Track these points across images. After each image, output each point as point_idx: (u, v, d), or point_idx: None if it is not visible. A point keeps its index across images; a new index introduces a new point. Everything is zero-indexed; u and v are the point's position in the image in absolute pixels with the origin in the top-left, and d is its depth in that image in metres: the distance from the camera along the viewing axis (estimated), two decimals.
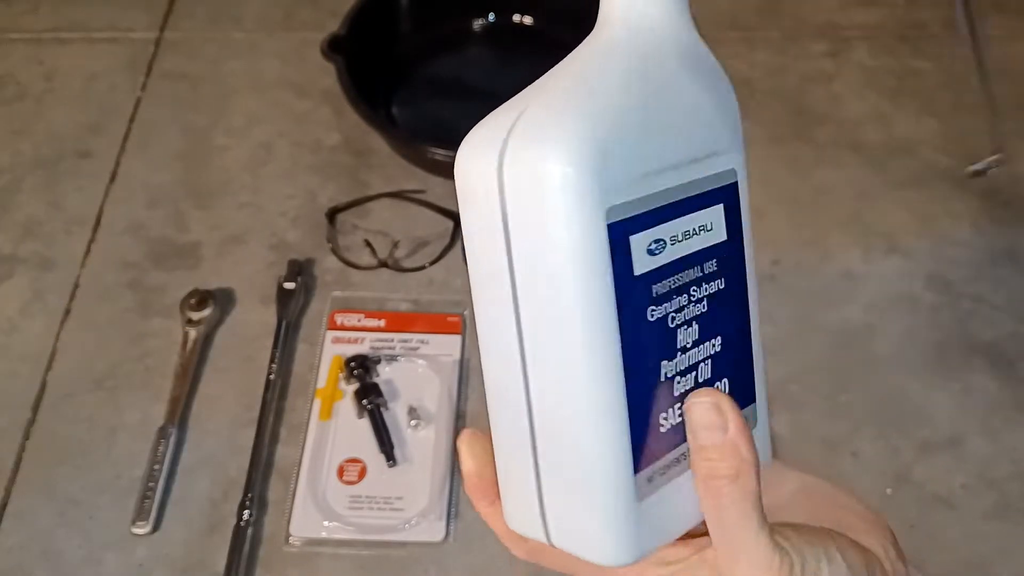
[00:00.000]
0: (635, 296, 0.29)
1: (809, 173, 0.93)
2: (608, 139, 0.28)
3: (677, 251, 0.30)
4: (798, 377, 0.79)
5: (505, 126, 0.29)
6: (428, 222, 0.90)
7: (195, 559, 0.71)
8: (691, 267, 0.30)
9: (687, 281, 0.30)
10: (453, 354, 0.80)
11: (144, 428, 0.77)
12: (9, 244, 0.90)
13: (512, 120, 0.29)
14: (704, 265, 0.31)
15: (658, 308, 0.29)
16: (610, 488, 0.29)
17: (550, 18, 1.05)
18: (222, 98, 1.01)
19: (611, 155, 0.28)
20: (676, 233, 0.30)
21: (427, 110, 1.00)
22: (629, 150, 0.28)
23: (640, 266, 0.29)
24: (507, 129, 0.29)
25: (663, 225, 0.29)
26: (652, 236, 0.29)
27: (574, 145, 0.27)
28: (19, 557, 0.71)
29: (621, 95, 0.29)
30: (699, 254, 0.31)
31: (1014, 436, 0.76)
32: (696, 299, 0.31)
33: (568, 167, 0.27)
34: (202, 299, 0.82)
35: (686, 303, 0.30)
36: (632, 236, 0.28)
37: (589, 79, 0.30)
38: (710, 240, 0.31)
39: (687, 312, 0.30)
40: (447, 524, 0.71)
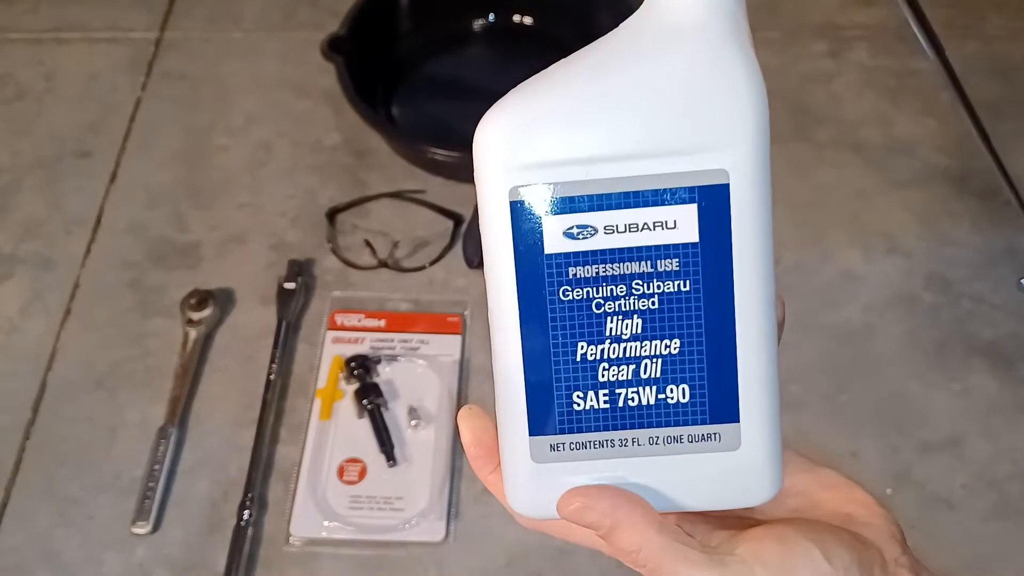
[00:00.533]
0: (543, 273, 0.30)
1: (809, 173, 0.93)
2: (530, 127, 0.29)
3: (615, 241, 0.30)
4: (798, 377, 0.79)
5: None
6: (428, 222, 0.90)
7: (195, 559, 0.71)
8: (636, 260, 0.30)
9: (628, 272, 0.30)
10: (453, 354, 0.81)
11: (144, 428, 0.77)
12: (9, 244, 0.90)
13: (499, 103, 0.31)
14: (658, 262, 0.30)
15: (577, 290, 0.30)
16: (507, 455, 0.33)
17: (550, 18, 1.05)
18: (222, 98, 1.01)
19: (529, 141, 0.29)
20: (616, 223, 0.30)
21: (427, 110, 1.00)
22: (558, 139, 0.29)
23: (553, 246, 0.30)
24: None
25: (595, 212, 0.30)
26: (574, 220, 0.30)
27: (493, 128, 0.30)
28: (19, 557, 0.71)
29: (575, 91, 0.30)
30: (652, 249, 0.30)
31: (1014, 436, 0.76)
32: (642, 293, 0.30)
33: (480, 145, 0.30)
34: (202, 299, 0.82)
35: (624, 294, 0.30)
36: (546, 216, 0.30)
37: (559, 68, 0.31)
38: (672, 238, 0.30)
39: (624, 303, 0.30)
40: (447, 524, 0.71)
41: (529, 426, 0.32)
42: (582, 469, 0.32)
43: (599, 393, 0.31)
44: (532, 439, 0.32)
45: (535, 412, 0.32)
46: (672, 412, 0.32)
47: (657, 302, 0.30)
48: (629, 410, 0.32)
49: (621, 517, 0.31)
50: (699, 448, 0.32)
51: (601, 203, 0.30)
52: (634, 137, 0.29)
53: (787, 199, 0.91)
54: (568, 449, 0.32)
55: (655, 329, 0.31)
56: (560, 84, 0.30)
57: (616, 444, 0.32)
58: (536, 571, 0.70)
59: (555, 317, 0.31)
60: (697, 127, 0.29)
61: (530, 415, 0.32)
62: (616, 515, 0.31)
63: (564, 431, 0.32)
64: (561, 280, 0.30)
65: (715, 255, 0.30)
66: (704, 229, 0.30)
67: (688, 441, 0.32)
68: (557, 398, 0.32)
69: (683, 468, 0.32)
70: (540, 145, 0.30)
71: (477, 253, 0.86)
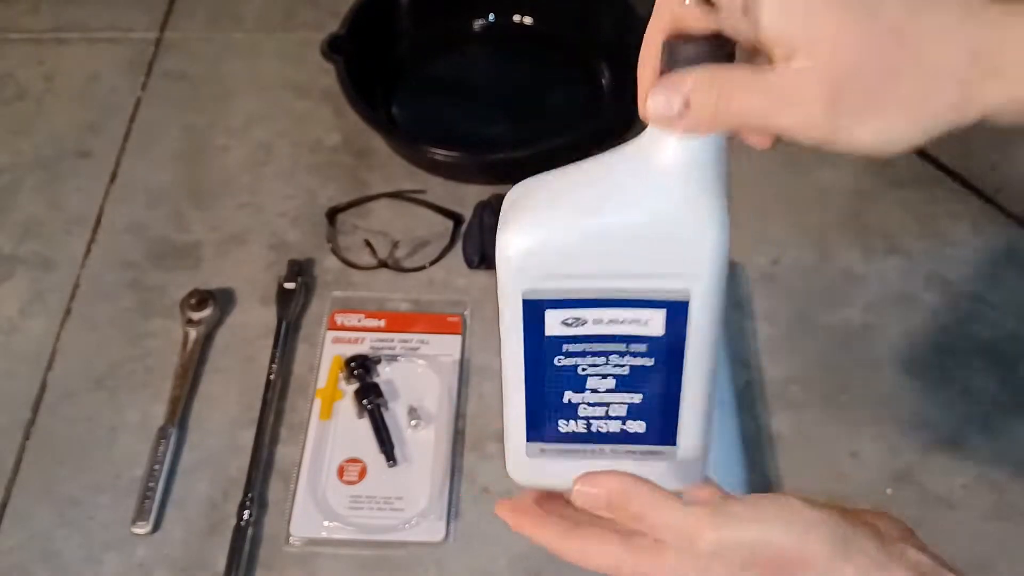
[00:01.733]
0: (544, 347, 0.40)
1: (809, 173, 0.93)
2: (539, 255, 0.38)
3: (600, 329, 0.39)
4: (798, 377, 0.79)
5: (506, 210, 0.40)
6: (428, 222, 0.90)
7: (195, 559, 0.71)
8: (615, 343, 0.40)
9: (607, 350, 0.40)
10: (453, 354, 0.81)
11: (144, 428, 0.77)
12: (9, 244, 0.90)
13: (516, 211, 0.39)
14: (632, 345, 0.40)
15: (567, 359, 0.40)
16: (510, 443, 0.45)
17: (550, 18, 1.05)
18: (222, 98, 1.01)
19: (539, 262, 0.38)
20: (601, 318, 0.39)
21: (427, 110, 1.00)
22: (561, 264, 0.38)
23: (552, 331, 0.39)
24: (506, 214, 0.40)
25: (585, 309, 0.39)
26: (569, 314, 0.39)
27: (508, 251, 0.38)
28: (19, 557, 0.71)
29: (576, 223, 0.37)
30: (627, 337, 0.39)
31: (1014, 436, 0.76)
32: (616, 364, 0.40)
33: (501, 267, 0.38)
34: (202, 299, 0.82)
35: (603, 363, 0.40)
36: (548, 310, 0.39)
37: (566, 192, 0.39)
38: (643, 331, 0.39)
39: (603, 369, 0.40)
40: (447, 524, 0.71)
41: (527, 434, 0.44)
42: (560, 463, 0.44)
43: (578, 422, 0.43)
44: (528, 444, 0.44)
45: (532, 427, 0.44)
46: (630, 437, 0.43)
47: (627, 370, 0.41)
48: (599, 434, 0.43)
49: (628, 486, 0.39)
50: (646, 459, 0.44)
51: (591, 303, 0.39)
52: (622, 264, 0.37)
53: (787, 199, 0.91)
54: (552, 453, 0.45)
55: (624, 386, 0.41)
56: (566, 215, 0.38)
57: (586, 453, 0.44)
58: (536, 571, 0.70)
59: (550, 377, 0.41)
60: (671, 259, 0.37)
61: (528, 428, 0.44)
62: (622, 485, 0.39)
63: (550, 442, 0.44)
64: (556, 353, 0.40)
65: (674, 345, 0.40)
66: (668, 327, 0.39)
67: (639, 455, 0.44)
68: (548, 422, 0.43)
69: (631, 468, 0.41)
70: (548, 262, 0.38)
71: (477, 253, 0.86)
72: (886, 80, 0.30)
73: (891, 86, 0.30)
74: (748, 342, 0.81)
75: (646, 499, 0.39)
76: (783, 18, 0.30)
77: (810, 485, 0.74)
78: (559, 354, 0.40)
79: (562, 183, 0.39)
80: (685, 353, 0.40)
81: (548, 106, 1.00)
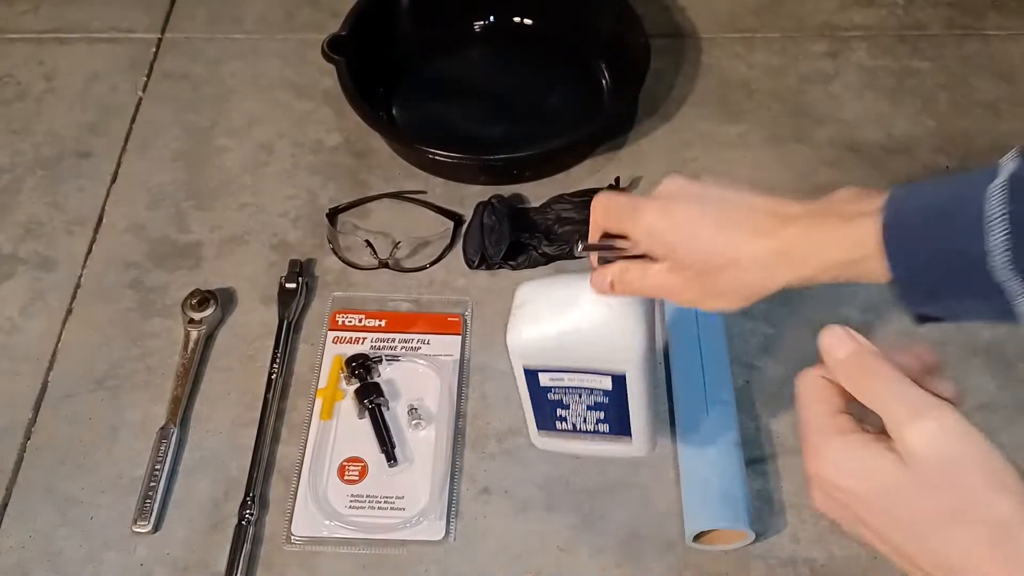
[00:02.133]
0: (541, 391, 0.62)
1: (808, 173, 0.93)
2: (532, 348, 0.58)
3: (573, 382, 0.60)
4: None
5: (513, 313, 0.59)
6: (428, 222, 0.90)
7: (196, 558, 0.71)
8: (582, 391, 0.61)
9: (578, 393, 0.61)
10: (453, 354, 0.81)
11: (145, 428, 0.77)
12: (10, 244, 0.90)
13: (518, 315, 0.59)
14: (593, 392, 0.61)
15: (554, 395, 0.62)
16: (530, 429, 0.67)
17: (550, 19, 1.05)
18: (223, 99, 1.01)
19: (532, 350, 0.59)
20: (573, 377, 0.60)
21: (427, 111, 1.00)
22: (545, 353, 0.58)
23: (545, 383, 0.61)
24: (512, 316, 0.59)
25: (562, 373, 0.60)
26: (554, 375, 0.60)
27: (515, 343, 0.58)
28: (20, 556, 0.71)
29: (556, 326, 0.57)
30: (589, 389, 0.61)
31: (1014, 436, 0.76)
32: (586, 400, 0.62)
33: (512, 350, 0.59)
34: (203, 299, 0.82)
35: (577, 399, 0.62)
36: (540, 373, 0.60)
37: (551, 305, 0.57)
38: (599, 385, 0.60)
39: (578, 401, 0.62)
40: (447, 523, 0.72)
41: (536, 425, 0.66)
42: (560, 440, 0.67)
43: (567, 423, 0.65)
44: (538, 432, 0.67)
45: (539, 424, 0.66)
46: (600, 432, 0.65)
47: (593, 403, 0.62)
48: (579, 431, 0.65)
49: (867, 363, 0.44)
50: (612, 443, 0.65)
51: (566, 371, 0.60)
52: (583, 351, 0.58)
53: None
54: (551, 435, 0.67)
55: (592, 409, 0.63)
56: (549, 321, 0.57)
57: (574, 437, 0.66)
58: (536, 570, 0.70)
59: (545, 404, 0.63)
60: (612, 350, 0.57)
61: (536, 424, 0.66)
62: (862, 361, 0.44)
63: (551, 431, 0.66)
64: (547, 392, 0.62)
65: (619, 394, 0.60)
66: (614, 386, 0.60)
67: (608, 441, 0.65)
68: (548, 423, 0.65)
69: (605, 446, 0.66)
70: (540, 351, 0.59)
71: (477, 253, 0.86)
72: (714, 280, 0.50)
73: (715, 284, 0.50)
74: (748, 342, 0.81)
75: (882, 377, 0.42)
76: (650, 246, 0.52)
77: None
78: (550, 392, 0.62)
79: (550, 296, 0.58)
80: (628, 399, 0.61)
81: (548, 106, 1.00)
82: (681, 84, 1.02)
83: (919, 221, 0.43)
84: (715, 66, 1.03)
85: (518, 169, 0.92)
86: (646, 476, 0.75)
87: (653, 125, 0.98)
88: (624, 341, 0.56)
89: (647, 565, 0.70)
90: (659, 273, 0.51)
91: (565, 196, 0.90)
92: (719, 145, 0.96)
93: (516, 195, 0.92)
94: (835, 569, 0.70)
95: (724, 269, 0.48)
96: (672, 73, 1.02)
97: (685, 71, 1.03)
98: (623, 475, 0.74)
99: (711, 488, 0.70)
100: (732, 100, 1.00)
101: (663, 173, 0.95)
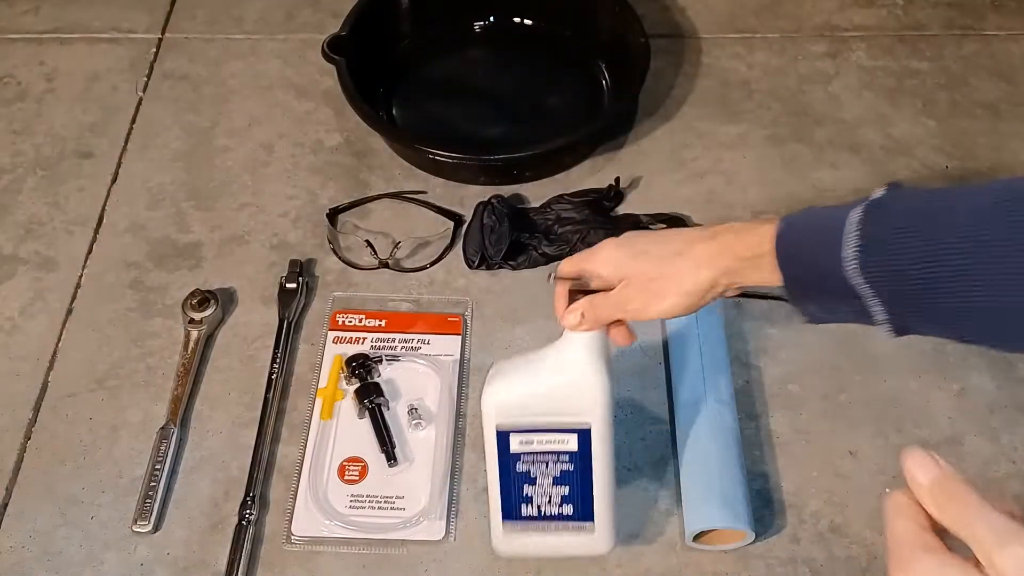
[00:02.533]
0: (510, 457, 0.63)
1: (808, 173, 0.93)
2: (504, 404, 0.62)
3: (542, 446, 0.63)
4: (798, 377, 0.79)
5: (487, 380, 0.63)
6: (428, 222, 0.90)
7: (196, 558, 0.71)
8: (550, 455, 0.63)
9: (546, 459, 0.63)
10: (453, 354, 0.81)
11: (146, 428, 0.77)
12: (10, 244, 0.90)
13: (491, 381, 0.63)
14: (560, 456, 0.63)
15: (523, 464, 0.63)
16: (493, 522, 0.66)
17: (550, 19, 1.05)
18: (223, 99, 1.01)
19: (505, 409, 0.62)
20: (541, 440, 0.62)
21: (427, 111, 1.00)
22: (516, 410, 0.62)
23: (515, 447, 0.63)
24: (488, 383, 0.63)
25: (531, 434, 0.62)
26: (523, 437, 0.62)
27: (488, 402, 0.62)
28: (20, 556, 0.71)
29: (526, 384, 0.62)
30: (556, 452, 0.63)
31: (1014, 436, 0.76)
32: (551, 467, 0.63)
33: (485, 407, 0.62)
34: (204, 299, 0.82)
35: (545, 468, 0.63)
36: (511, 434, 0.63)
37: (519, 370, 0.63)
38: (564, 447, 0.62)
39: (545, 471, 0.63)
40: (447, 523, 0.72)
41: (502, 514, 0.65)
42: (524, 536, 0.65)
43: (532, 507, 0.64)
44: (505, 523, 0.65)
45: (504, 511, 0.65)
46: (564, 517, 0.64)
47: (559, 472, 0.63)
48: (546, 516, 0.64)
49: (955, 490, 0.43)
50: (575, 531, 0.65)
51: (535, 431, 0.62)
52: (551, 408, 0.62)
53: (786, 199, 0.91)
54: (520, 529, 0.65)
55: (557, 482, 0.63)
56: (518, 384, 0.62)
57: (539, 528, 0.65)
58: (536, 570, 0.71)
59: (514, 476, 0.64)
60: (576, 407, 0.61)
61: (503, 510, 0.65)
62: None
63: (516, 520, 0.65)
64: (516, 460, 0.63)
65: (584, 455, 0.63)
66: (579, 445, 0.62)
67: (571, 529, 0.65)
68: (514, 507, 0.65)
69: (569, 538, 0.65)
70: (511, 407, 0.62)
71: (477, 253, 0.86)
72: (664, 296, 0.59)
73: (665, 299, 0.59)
74: (748, 342, 0.81)
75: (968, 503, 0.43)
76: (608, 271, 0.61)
77: (809, 484, 0.74)
78: (519, 462, 0.64)
79: (520, 364, 0.63)
80: (592, 460, 0.63)
81: (548, 106, 1.00)
82: (681, 84, 1.02)
83: (802, 232, 0.52)
84: (715, 66, 1.03)
85: (518, 169, 0.92)
86: (646, 476, 0.75)
87: (653, 125, 0.98)
88: (588, 392, 0.61)
89: (647, 565, 0.70)
90: (617, 291, 0.60)
91: (565, 196, 0.90)
92: (719, 145, 0.96)
93: (516, 195, 0.92)
94: (835, 569, 0.70)
95: (665, 273, 0.58)
96: (672, 73, 1.03)
97: (685, 71, 1.03)
98: (623, 475, 0.75)
99: (711, 488, 0.70)
100: (732, 100, 1.00)
101: (663, 173, 0.96)
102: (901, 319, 0.51)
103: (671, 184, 0.93)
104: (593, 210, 0.89)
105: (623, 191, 0.92)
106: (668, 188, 0.93)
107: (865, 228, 0.49)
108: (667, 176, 0.94)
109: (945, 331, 0.52)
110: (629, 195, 0.92)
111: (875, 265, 0.49)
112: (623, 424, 0.77)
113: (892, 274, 0.49)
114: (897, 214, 0.49)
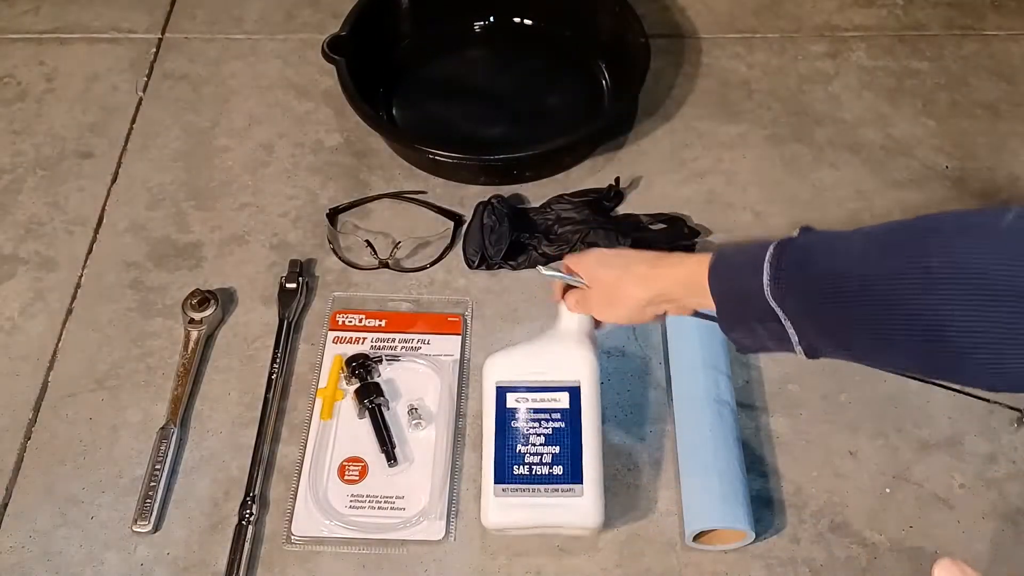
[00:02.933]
0: (507, 415, 0.70)
1: (808, 173, 0.93)
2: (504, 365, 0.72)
3: (534, 404, 0.70)
4: (798, 377, 0.79)
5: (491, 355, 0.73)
6: (428, 223, 0.90)
7: (196, 558, 0.71)
8: (543, 412, 0.70)
9: (539, 417, 0.70)
10: (453, 354, 0.81)
11: (146, 428, 0.77)
12: (11, 244, 0.90)
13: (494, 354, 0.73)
14: (552, 414, 0.70)
15: (519, 422, 0.70)
16: (484, 486, 0.68)
17: (550, 19, 1.05)
18: (223, 99, 1.01)
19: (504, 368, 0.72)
20: (536, 397, 0.70)
21: (427, 111, 1.00)
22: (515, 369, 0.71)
23: (511, 404, 0.70)
24: None
25: (526, 392, 0.70)
26: (519, 395, 0.70)
27: (490, 363, 0.72)
28: (20, 556, 0.71)
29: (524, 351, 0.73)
30: (548, 409, 0.70)
31: (1013, 436, 0.76)
32: (544, 425, 0.69)
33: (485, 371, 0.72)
34: (204, 299, 0.82)
35: (537, 425, 0.69)
36: (508, 393, 0.71)
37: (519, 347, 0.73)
38: (557, 405, 0.70)
39: (538, 428, 0.69)
40: (447, 523, 0.72)
41: (494, 478, 0.68)
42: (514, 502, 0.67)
43: (524, 467, 0.68)
44: (496, 486, 0.68)
45: (497, 472, 0.68)
46: (554, 478, 0.68)
47: (551, 430, 0.69)
48: (537, 476, 0.68)
49: None
50: (565, 494, 0.67)
51: (531, 390, 0.71)
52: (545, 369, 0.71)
53: (786, 199, 0.91)
54: (511, 492, 0.68)
55: (549, 442, 0.69)
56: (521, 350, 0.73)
57: (530, 491, 0.68)
58: (536, 570, 0.71)
59: (509, 432, 0.70)
60: (569, 367, 0.71)
61: (495, 473, 0.68)
62: None
63: (509, 483, 0.68)
64: (513, 417, 0.70)
65: (574, 413, 0.70)
66: (571, 402, 0.70)
67: (561, 492, 0.67)
68: (506, 468, 0.68)
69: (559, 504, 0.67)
70: (509, 371, 0.71)
71: (477, 253, 0.86)
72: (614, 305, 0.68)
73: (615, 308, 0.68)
74: None
75: None
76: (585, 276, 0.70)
77: (809, 484, 0.74)
78: (513, 417, 0.70)
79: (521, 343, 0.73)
80: (581, 418, 0.69)
81: (548, 106, 1.00)
82: (681, 84, 1.02)
83: (730, 263, 0.59)
84: (715, 66, 1.03)
85: (518, 169, 0.92)
86: (646, 476, 0.75)
87: (653, 125, 0.98)
88: (579, 355, 0.71)
89: (647, 565, 0.70)
90: (589, 293, 0.70)
91: (565, 196, 0.90)
92: (719, 145, 0.96)
93: (516, 195, 0.92)
94: (835, 569, 0.70)
95: (619, 285, 0.67)
96: (672, 73, 1.03)
97: (685, 71, 1.03)
98: (623, 475, 0.75)
99: (711, 488, 0.70)
100: (732, 100, 1.00)
101: (663, 173, 0.95)
102: (810, 341, 0.56)
103: (671, 184, 0.93)
104: (593, 210, 0.89)
105: (623, 191, 0.92)
106: (668, 188, 0.93)
107: (775, 261, 0.55)
108: (667, 176, 0.94)
109: (851, 357, 0.56)
110: (629, 195, 0.92)
111: (783, 291, 0.55)
112: (623, 425, 0.78)
113: (798, 299, 0.54)
114: (801, 248, 0.55)
